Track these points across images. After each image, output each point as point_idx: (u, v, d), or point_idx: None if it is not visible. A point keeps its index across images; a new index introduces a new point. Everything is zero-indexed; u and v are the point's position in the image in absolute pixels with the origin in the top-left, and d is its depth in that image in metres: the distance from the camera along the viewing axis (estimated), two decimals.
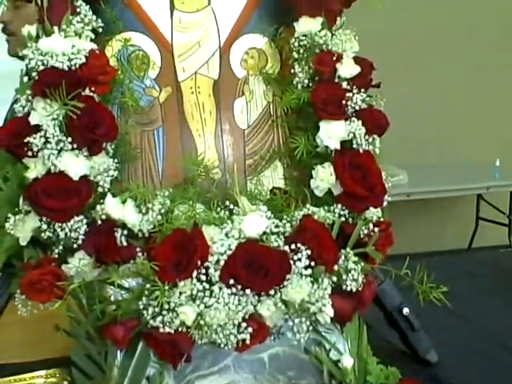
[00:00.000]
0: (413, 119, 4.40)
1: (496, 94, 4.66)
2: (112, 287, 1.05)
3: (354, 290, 1.09)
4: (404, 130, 4.09)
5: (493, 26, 4.52)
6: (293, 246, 1.04)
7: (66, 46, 1.12)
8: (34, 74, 1.10)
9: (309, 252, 1.04)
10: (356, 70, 1.24)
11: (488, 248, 4.07)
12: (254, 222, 1.06)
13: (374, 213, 1.20)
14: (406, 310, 1.36)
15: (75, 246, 1.08)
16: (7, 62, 2.09)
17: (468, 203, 4.66)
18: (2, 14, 2.04)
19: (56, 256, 1.08)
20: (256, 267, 1.01)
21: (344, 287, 1.09)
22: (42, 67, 1.10)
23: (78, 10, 1.17)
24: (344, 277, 1.09)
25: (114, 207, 1.09)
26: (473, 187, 4.30)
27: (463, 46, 4.52)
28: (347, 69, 1.23)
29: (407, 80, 4.38)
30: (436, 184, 4.19)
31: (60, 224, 1.06)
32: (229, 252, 1.02)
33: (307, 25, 1.25)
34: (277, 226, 1.08)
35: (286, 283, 1.03)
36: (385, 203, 1.22)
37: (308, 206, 1.16)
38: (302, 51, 1.26)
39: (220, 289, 1.00)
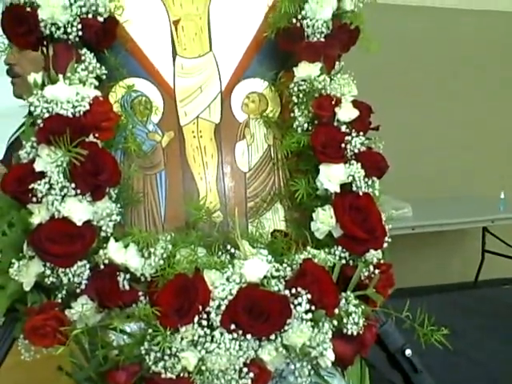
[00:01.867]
0: (417, 152, 4.43)
1: (500, 127, 4.69)
2: (114, 332, 1.06)
3: (355, 333, 1.10)
4: (408, 163, 4.13)
5: (495, 61, 4.57)
6: (293, 291, 1.05)
7: (70, 94, 1.14)
8: (39, 121, 1.12)
9: (309, 296, 1.05)
10: (355, 113, 1.26)
11: (492, 281, 4.06)
12: (255, 267, 1.07)
13: (374, 255, 1.21)
14: (408, 352, 1.35)
15: (78, 290, 1.09)
16: (4, 100, 2.12)
17: (473, 236, 4.66)
18: (8, 57, 2.08)
19: (59, 301, 1.09)
20: (257, 312, 1.02)
21: (345, 331, 1.09)
22: (46, 114, 1.12)
23: (82, 57, 1.20)
24: (345, 320, 1.09)
25: (116, 252, 1.11)
26: (478, 220, 4.30)
27: (466, 80, 4.56)
28: (346, 112, 1.25)
29: (411, 114, 4.42)
30: (441, 217, 4.19)
31: (63, 269, 1.07)
32: (230, 297, 1.03)
33: (306, 70, 1.27)
34: (277, 270, 1.09)
35: (286, 328, 1.04)
36: (385, 245, 1.23)
37: (308, 248, 1.17)
38: (301, 95, 1.28)
39: (221, 334, 1.01)
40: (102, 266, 1.10)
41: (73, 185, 1.09)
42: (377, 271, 1.19)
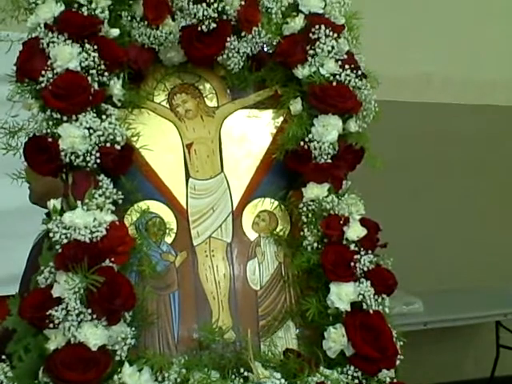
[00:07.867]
0: (427, 245, 4.43)
1: (510, 220, 4.70)
2: None
3: None
4: (418, 256, 4.12)
5: (498, 156, 4.64)
6: None
7: (88, 220, 1.18)
8: (57, 246, 1.16)
9: None
10: (363, 232, 1.29)
11: (509, 378, 3.96)
12: None
13: (387, 374, 1.21)
14: None
15: None
16: (16, 199, 2.17)
17: (487, 330, 4.58)
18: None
19: None
20: None
21: None
22: (65, 240, 1.16)
23: (99, 183, 1.24)
24: None
25: (130, 376, 1.12)
26: (491, 314, 4.23)
27: (475, 171, 4.61)
28: (354, 231, 1.29)
29: (419, 206, 4.45)
30: (453, 312, 4.12)
31: None
32: None
33: (314, 191, 1.32)
34: None
35: None
36: (397, 362, 1.23)
37: (321, 368, 1.18)
38: (310, 215, 1.32)
39: None
40: None
41: (89, 310, 1.11)
42: None
